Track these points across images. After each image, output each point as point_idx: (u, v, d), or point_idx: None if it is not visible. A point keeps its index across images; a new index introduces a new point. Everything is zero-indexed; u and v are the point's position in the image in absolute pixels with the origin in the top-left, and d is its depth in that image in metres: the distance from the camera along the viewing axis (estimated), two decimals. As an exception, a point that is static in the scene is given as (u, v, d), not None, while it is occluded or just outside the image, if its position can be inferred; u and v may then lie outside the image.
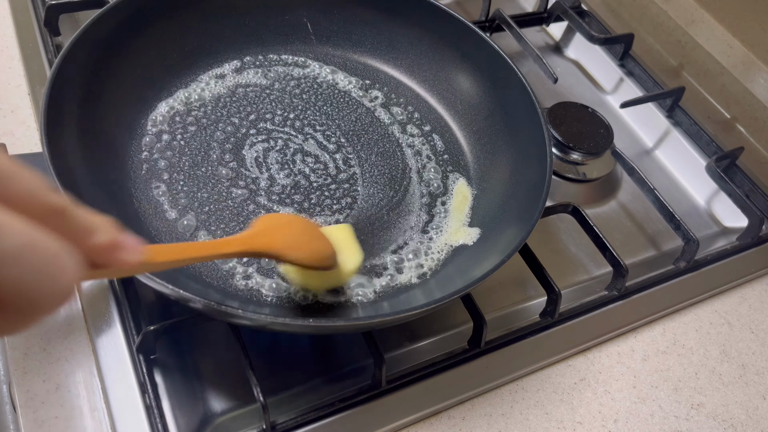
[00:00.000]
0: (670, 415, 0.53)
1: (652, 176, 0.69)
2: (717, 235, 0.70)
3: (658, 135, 0.77)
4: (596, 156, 0.69)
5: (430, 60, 0.66)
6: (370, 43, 0.67)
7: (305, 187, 0.56)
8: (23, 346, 0.47)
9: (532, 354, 0.54)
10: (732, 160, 0.73)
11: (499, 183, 0.58)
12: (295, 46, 0.66)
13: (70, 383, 0.46)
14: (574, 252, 0.64)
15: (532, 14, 0.86)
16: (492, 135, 0.61)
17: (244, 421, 0.46)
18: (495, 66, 0.61)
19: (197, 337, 0.50)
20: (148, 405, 0.45)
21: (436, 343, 0.54)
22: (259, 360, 0.47)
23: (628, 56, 0.81)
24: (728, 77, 0.80)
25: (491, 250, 0.52)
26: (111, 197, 0.49)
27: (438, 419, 0.49)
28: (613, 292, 0.59)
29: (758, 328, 0.61)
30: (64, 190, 0.42)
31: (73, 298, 0.29)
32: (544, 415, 0.51)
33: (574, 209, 0.60)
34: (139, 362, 0.46)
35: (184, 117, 0.58)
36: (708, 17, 0.81)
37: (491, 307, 0.56)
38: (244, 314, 0.40)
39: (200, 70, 0.61)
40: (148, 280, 0.40)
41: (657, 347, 0.57)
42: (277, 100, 0.62)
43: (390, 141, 0.62)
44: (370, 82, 0.65)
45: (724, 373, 0.57)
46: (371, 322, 0.45)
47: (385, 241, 0.54)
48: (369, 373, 0.49)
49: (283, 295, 0.49)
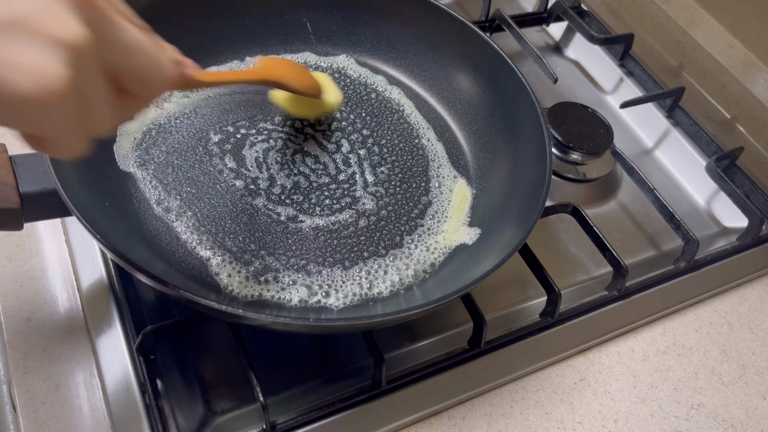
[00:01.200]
0: (670, 415, 0.53)
1: (652, 176, 0.69)
2: (717, 235, 0.70)
3: (658, 135, 0.77)
4: (596, 156, 0.69)
5: (430, 60, 0.66)
6: (370, 43, 0.67)
7: (305, 187, 0.56)
8: (23, 346, 0.47)
9: (532, 354, 0.54)
10: (732, 160, 0.73)
11: (499, 183, 0.58)
12: (295, 46, 0.66)
13: (70, 383, 0.46)
14: (574, 252, 0.64)
15: (532, 14, 0.86)
16: (492, 135, 0.61)
17: (244, 421, 0.46)
18: (495, 66, 0.61)
19: (197, 337, 0.50)
20: (148, 405, 0.45)
21: (436, 343, 0.54)
22: (259, 360, 0.47)
23: (628, 56, 0.81)
24: (728, 77, 0.80)
25: (491, 249, 0.52)
26: (111, 197, 0.49)
27: (438, 419, 0.49)
28: (613, 292, 0.59)
29: (758, 328, 0.61)
30: (64, 190, 0.42)
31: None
32: (544, 415, 0.51)
33: (574, 209, 0.60)
34: (139, 362, 0.46)
35: (184, 116, 0.58)
36: (708, 17, 0.81)
37: (491, 307, 0.56)
38: (244, 314, 0.40)
39: (200, 70, 0.61)
40: (149, 280, 0.40)
41: (657, 347, 0.57)
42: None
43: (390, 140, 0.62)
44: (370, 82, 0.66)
45: (724, 373, 0.57)
46: (371, 322, 0.45)
47: (384, 241, 0.54)
48: (369, 373, 0.49)
49: (283, 295, 0.49)
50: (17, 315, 0.49)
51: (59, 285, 0.51)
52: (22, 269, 0.51)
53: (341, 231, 0.54)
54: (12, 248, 0.52)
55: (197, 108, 0.59)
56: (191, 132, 0.57)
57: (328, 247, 0.52)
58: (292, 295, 0.49)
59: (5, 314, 0.48)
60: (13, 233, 0.52)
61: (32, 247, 0.52)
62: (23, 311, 0.49)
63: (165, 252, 0.49)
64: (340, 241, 0.53)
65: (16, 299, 0.49)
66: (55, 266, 0.52)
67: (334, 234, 0.53)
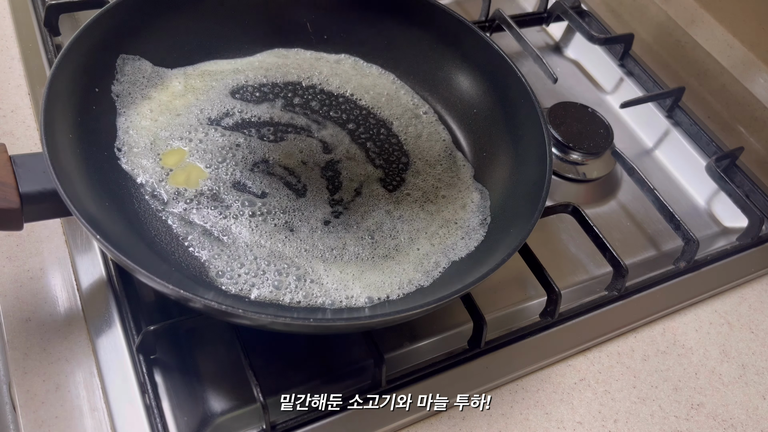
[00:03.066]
0: (670, 415, 0.53)
1: (652, 176, 0.69)
2: (717, 235, 0.70)
3: (658, 135, 0.77)
4: (596, 156, 0.69)
5: (430, 60, 0.66)
6: (370, 43, 0.67)
7: (300, 189, 0.56)
8: (23, 346, 0.47)
9: (532, 354, 0.54)
10: (732, 160, 0.73)
11: (499, 183, 0.58)
12: (295, 46, 0.66)
13: (70, 383, 0.46)
14: (574, 252, 0.64)
15: (532, 14, 0.86)
16: (492, 135, 0.61)
17: (244, 421, 0.46)
18: (495, 66, 0.61)
19: (197, 337, 0.50)
20: (148, 405, 0.45)
21: (436, 343, 0.54)
22: (259, 360, 0.47)
23: (628, 56, 0.81)
24: (728, 77, 0.80)
25: (491, 249, 0.52)
26: (111, 197, 0.49)
27: (438, 419, 0.49)
28: (613, 292, 0.59)
29: (758, 328, 0.61)
30: (64, 190, 0.42)
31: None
32: (544, 415, 0.51)
33: (574, 209, 0.60)
34: (139, 362, 0.46)
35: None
36: (708, 17, 0.81)
37: (491, 307, 0.56)
38: (244, 314, 0.40)
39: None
40: (149, 280, 0.40)
41: (657, 347, 0.57)
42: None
43: (390, 140, 0.62)
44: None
45: (724, 373, 0.57)
46: (371, 322, 0.45)
47: (383, 241, 0.54)
48: (369, 373, 0.49)
49: (283, 296, 0.49)
50: (17, 315, 0.49)
51: (59, 285, 0.51)
52: (22, 269, 0.51)
53: (342, 231, 0.54)
54: (12, 248, 0.52)
55: (197, 107, 0.59)
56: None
57: (328, 248, 0.52)
58: (293, 295, 0.49)
59: (5, 314, 0.48)
60: (13, 233, 0.52)
61: (32, 247, 0.52)
62: (23, 311, 0.49)
63: (165, 252, 0.49)
64: (342, 242, 0.53)
65: (16, 299, 0.49)
66: (55, 266, 0.52)
67: (334, 234, 0.53)
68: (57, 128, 0.47)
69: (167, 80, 0.59)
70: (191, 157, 0.55)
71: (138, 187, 0.52)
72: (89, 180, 0.48)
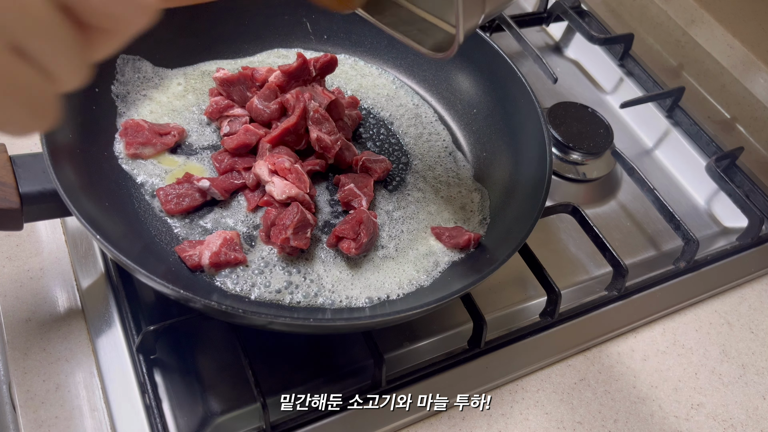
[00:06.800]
0: (670, 415, 0.53)
1: (652, 176, 0.69)
2: (717, 235, 0.70)
3: (658, 135, 0.77)
4: (596, 156, 0.69)
5: (430, 60, 0.66)
6: (369, 43, 0.67)
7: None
8: (23, 346, 0.47)
9: (532, 354, 0.54)
10: (732, 160, 0.73)
11: (499, 183, 0.58)
12: (295, 46, 0.66)
13: (70, 383, 0.46)
14: (574, 252, 0.64)
15: (532, 14, 0.86)
16: (492, 135, 0.61)
17: (244, 421, 0.46)
18: (495, 66, 0.61)
19: (197, 337, 0.50)
20: (148, 405, 0.45)
21: (436, 343, 0.54)
22: (259, 360, 0.47)
23: (628, 56, 0.81)
24: (728, 77, 0.80)
25: (491, 250, 0.52)
26: (110, 197, 0.49)
27: (438, 419, 0.49)
28: (613, 292, 0.59)
29: (758, 328, 0.61)
30: (64, 190, 0.42)
31: (155, 18, 0.26)
32: (544, 415, 0.51)
33: (574, 209, 0.60)
34: (139, 362, 0.46)
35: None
36: (708, 17, 0.81)
37: (491, 307, 0.56)
38: (244, 314, 0.40)
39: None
40: (149, 280, 0.40)
41: (657, 347, 0.57)
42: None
43: (390, 140, 0.62)
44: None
45: (724, 373, 0.57)
46: (371, 322, 0.45)
47: (383, 240, 0.54)
48: (369, 373, 0.49)
49: (283, 296, 0.49)
50: (17, 315, 0.49)
51: (59, 285, 0.51)
52: (22, 269, 0.51)
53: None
54: (12, 248, 0.52)
55: (196, 106, 0.59)
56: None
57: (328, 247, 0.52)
58: (293, 295, 0.49)
59: (5, 314, 0.48)
60: (13, 233, 0.52)
61: (32, 247, 0.52)
62: (23, 311, 0.49)
63: (165, 252, 0.49)
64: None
65: (16, 299, 0.49)
66: (55, 266, 0.52)
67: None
68: (57, 128, 0.47)
69: (167, 80, 0.59)
70: (190, 158, 0.55)
71: (138, 187, 0.52)
72: (89, 180, 0.48)
